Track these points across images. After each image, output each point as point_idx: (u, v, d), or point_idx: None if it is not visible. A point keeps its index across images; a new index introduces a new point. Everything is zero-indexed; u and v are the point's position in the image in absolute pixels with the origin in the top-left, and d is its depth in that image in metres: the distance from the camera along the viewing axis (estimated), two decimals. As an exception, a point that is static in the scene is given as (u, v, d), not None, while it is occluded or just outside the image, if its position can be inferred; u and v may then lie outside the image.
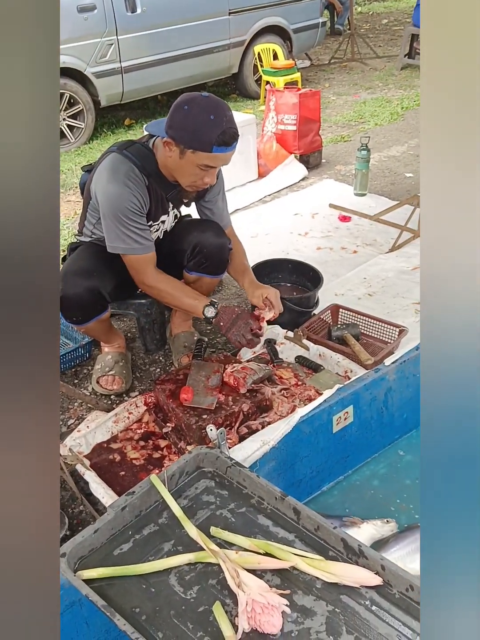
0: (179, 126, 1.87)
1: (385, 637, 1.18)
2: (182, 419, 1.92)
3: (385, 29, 10.30)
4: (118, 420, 2.09)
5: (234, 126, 1.89)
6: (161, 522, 1.40)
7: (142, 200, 2.02)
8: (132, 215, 1.99)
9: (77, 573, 1.25)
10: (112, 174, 1.98)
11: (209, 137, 1.84)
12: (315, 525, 1.35)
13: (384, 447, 2.10)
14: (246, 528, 1.38)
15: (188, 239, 2.26)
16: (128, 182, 1.97)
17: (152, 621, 1.21)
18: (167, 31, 5.77)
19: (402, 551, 1.68)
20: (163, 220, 2.24)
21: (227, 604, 1.23)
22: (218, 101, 1.90)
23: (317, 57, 8.57)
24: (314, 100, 4.51)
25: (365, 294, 3.00)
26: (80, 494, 1.87)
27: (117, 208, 1.97)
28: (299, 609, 1.22)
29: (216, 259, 2.28)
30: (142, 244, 2.04)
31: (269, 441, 1.71)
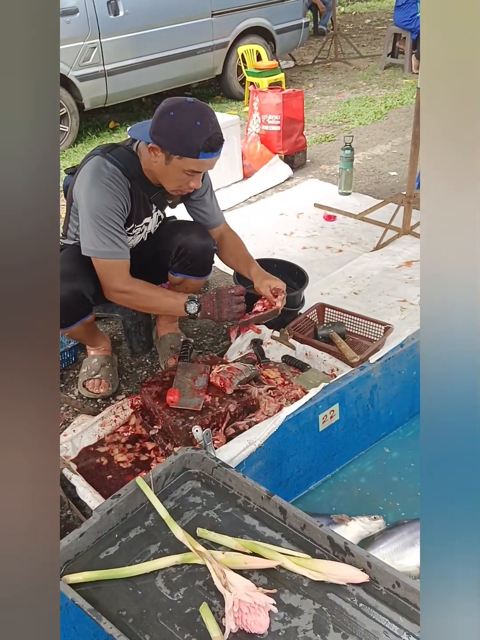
0: (165, 132, 1.87)
1: (372, 633, 1.18)
2: (169, 421, 1.92)
3: (368, 29, 10.34)
4: (105, 424, 2.09)
5: (219, 131, 1.90)
6: (147, 525, 1.40)
7: (124, 204, 2.02)
8: (113, 217, 1.98)
9: (63, 577, 1.25)
10: (94, 177, 1.98)
11: (195, 143, 1.84)
12: (301, 523, 1.36)
13: (370, 445, 2.10)
14: (233, 528, 1.39)
15: (172, 240, 2.26)
16: (111, 184, 1.97)
17: (139, 624, 1.20)
18: (150, 33, 5.76)
19: (390, 548, 1.69)
20: (146, 223, 2.24)
21: (214, 604, 1.23)
22: (203, 107, 1.90)
23: (301, 58, 8.59)
24: (297, 100, 4.52)
25: (351, 292, 3.01)
26: (67, 499, 1.86)
27: (98, 210, 1.96)
28: (286, 608, 1.22)
29: (201, 260, 2.28)
30: (121, 248, 2.02)
31: (255, 441, 1.71)
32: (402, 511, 1.87)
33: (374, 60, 8.09)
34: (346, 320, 2.58)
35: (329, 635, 1.18)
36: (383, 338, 2.42)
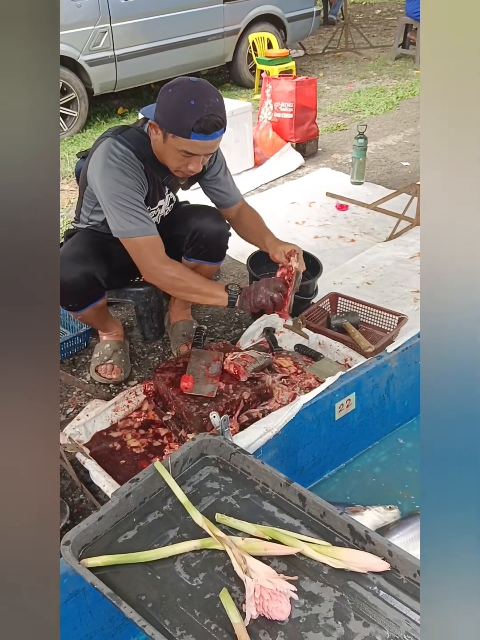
0: (162, 109, 1.85)
1: (393, 622, 1.17)
2: (183, 407, 1.90)
3: (378, 19, 10.25)
4: (118, 409, 2.07)
5: (219, 114, 1.81)
6: (165, 509, 1.39)
7: (141, 184, 1.99)
8: (133, 195, 1.94)
9: (81, 561, 1.24)
10: (107, 159, 1.94)
11: (187, 122, 1.78)
12: (321, 511, 1.35)
13: (385, 435, 2.09)
14: (251, 514, 1.37)
15: (187, 225, 2.23)
16: (124, 165, 1.94)
17: (158, 609, 1.19)
18: (161, 19, 5.71)
19: (405, 537, 1.68)
20: (160, 205, 2.21)
21: (234, 590, 1.22)
22: (205, 87, 1.84)
23: (311, 47, 8.52)
24: (310, 88, 4.48)
25: (364, 282, 2.99)
26: (80, 483, 1.85)
27: (115, 191, 1.93)
28: (307, 595, 1.21)
29: (215, 245, 2.25)
30: (148, 224, 1.96)
31: (272, 428, 1.70)
32: (416, 502, 1.85)
33: (385, 50, 8.03)
34: (359, 310, 2.56)
35: (349, 623, 1.17)
36: (397, 328, 2.41)
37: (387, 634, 1.15)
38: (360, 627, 1.16)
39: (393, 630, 1.16)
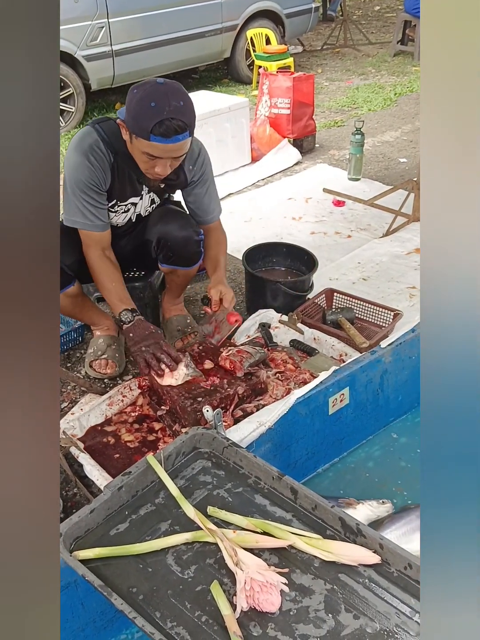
0: (127, 109, 1.84)
1: (383, 614, 1.18)
2: (177, 401, 1.90)
3: (377, 16, 10.23)
4: (112, 403, 2.08)
5: (182, 118, 1.77)
6: (158, 502, 1.39)
7: (101, 177, 1.99)
8: (86, 190, 1.97)
9: (73, 553, 1.24)
10: (76, 146, 1.97)
11: (146, 124, 1.76)
12: (312, 504, 1.35)
13: (379, 430, 2.09)
14: (243, 507, 1.38)
15: (153, 231, 2.23)
16: (89, 156, 1.95)
17: (149, 601, 1.20)
18: (159, 14, 5.70)
19: (398, 532, 1.68)
20: (134, 203, 2.19)
21: (225, 583, 1.22)
22: (170, 89, 1.79)
23: (310, 43, 8.51)
24: (307, 84, 4.48)
25: (360, 278, 2.99)
26: (74, 477, 1.85)
27: (73, 180, 1.96)
28: (297, 588, 1.22)
29: (183, 252, 2.21)
30: (92, 222, 2.01)
31: (265, 422, 1.70)
32: (410, 496, 1.86)
33: (383, 47, 8.01)
34: (355, 306, 2.56)
35: (340, 616, 1.17)
36: (392, 324, 2.41)
37: (377, 626, 1.16)
38: (350, 620, 1.17)
39: (383, 623, 1.16)
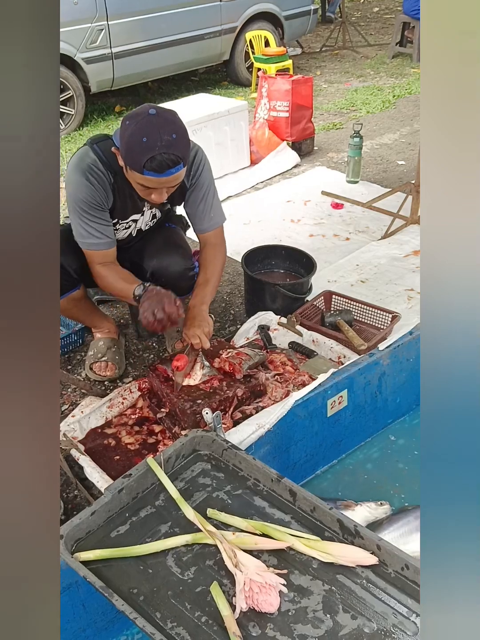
0: (120, 140, 1.83)
1: (381, 615, 1.19)
2: (177, 404, 1.92)
3: (376, 17, 10.25)
4: (112, 406, 2.09)
5: (175, 152, 1.75)
6: (158, 504, 1.41)
7: (103, 196, 1.99)
8: (89, 209, 1.98)
9: (74, 555, 1.26)
10: (75, 167, 1.97)
11: (139, 159, 1.75)
12: (311, 506, 1.36)
13: (377, 432, 2.11)
14: (242, 509, 1.39)
15: (148, 263, 2.23)
16: (89, 177, 1.95)
17: (150, 602, 1.21)
18: (158, 17, 5.71)
19: (396, 533, 1.70)
20: (135, 220, 2.20)
21: (224, 584, 1.24)
22: (162, 122, 1.75)
23: (309, 45, 8.53)
24: (306, 87, 4.49)
25: (358, 280, 3.01)
26: (74, 479, 1.87)
27: (75, 201, 1.97)
28: (296, 589, 1.23)
29: (176, 285, 2.18)
30: (98, 239, 2.03)
31: (264, 425, 1.72)
32: (408, 498, 1.87)
33: (382, 49, 8.03)
34: (353, 308, 2.58)
35: (338, 616, 1.19)
36: (390, 326, 2.42)
37: (375, 627, 1.17)
38: (348, 620, 1.18)
39: (380, 623, 1.18)
